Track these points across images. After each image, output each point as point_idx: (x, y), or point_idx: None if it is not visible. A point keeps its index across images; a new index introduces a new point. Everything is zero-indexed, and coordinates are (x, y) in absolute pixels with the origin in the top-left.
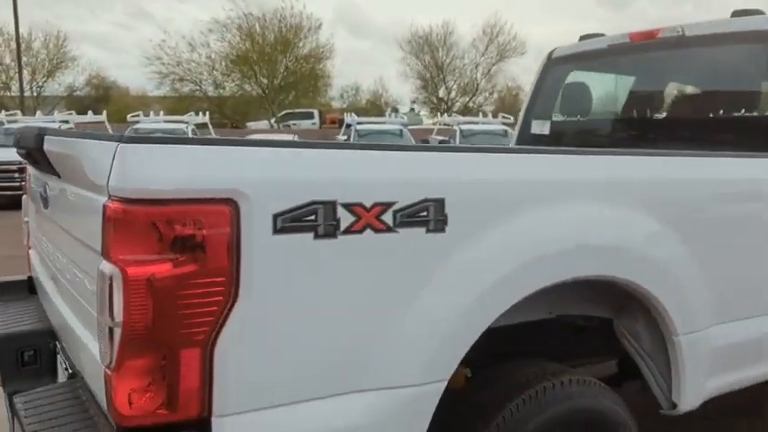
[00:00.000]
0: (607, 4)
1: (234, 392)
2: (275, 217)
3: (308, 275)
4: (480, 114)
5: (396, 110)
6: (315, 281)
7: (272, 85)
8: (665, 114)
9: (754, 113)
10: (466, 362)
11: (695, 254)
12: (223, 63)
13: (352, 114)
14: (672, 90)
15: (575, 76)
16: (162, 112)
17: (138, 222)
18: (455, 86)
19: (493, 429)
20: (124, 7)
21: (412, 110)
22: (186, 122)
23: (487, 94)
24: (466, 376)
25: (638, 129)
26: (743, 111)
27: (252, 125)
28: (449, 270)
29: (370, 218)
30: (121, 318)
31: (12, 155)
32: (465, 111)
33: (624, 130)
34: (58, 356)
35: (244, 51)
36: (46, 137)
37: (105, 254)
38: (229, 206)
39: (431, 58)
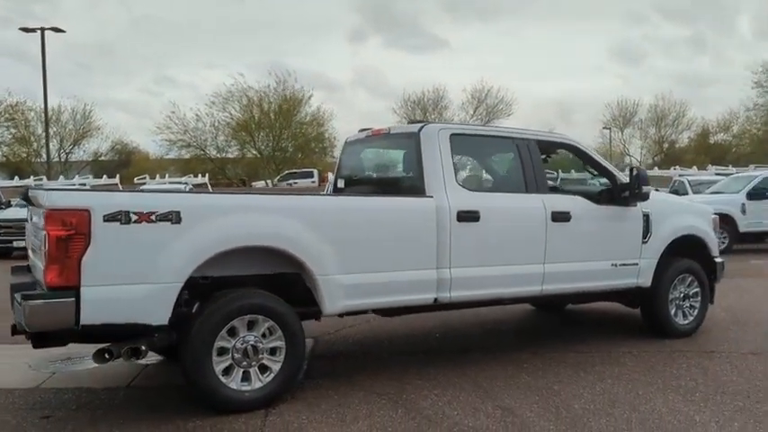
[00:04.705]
0: (621, 60)
1: (87, 277)
2: (104, 216)
3: (118, 236)
4: None
5: None
6: (120, 238)
7: (273, 148)
8: (372, 174)
9: (409, 174)
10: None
11: (327, 240)
12: (226, 130)
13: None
14: (381, 161)
15: (356, 153)
16: (168, 174)
17: (54, 217)
18: None
19: (215, 304)
20: (151, 74)
21: None
22: (186, 183)
23: None
24: None
25: (366, 181)
26: (405, 173)
27: (254, 184)
28: (182, 237)
29: (145, 217)
30: (47, 249)
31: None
32: None
33: (362, 182)
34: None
35: (243, 121)
36: (29, 191)
37: (44, 228)
38: (86, 212)
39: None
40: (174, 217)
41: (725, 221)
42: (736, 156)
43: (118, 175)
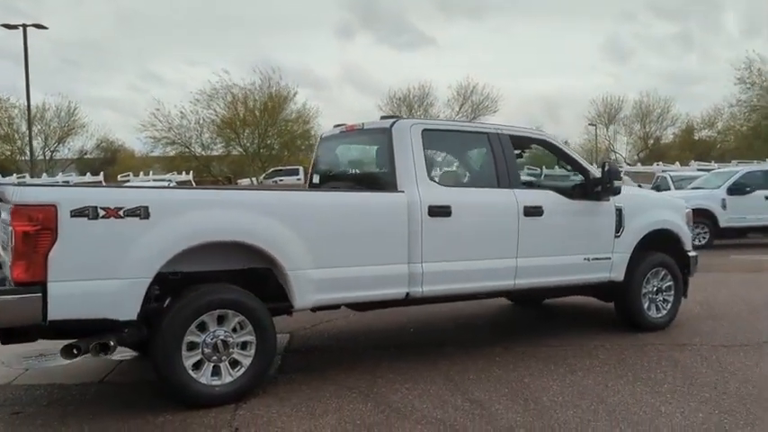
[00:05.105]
0: (612, 57)
1: (54, 273)
2: (71, 212)
3: (85, 232)
4: None
5: None
6: (87, 234)
7: (258, 145)
8: (347, 169)
9: (382, 169)
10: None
11: (298, 235)
12: (211, 128)
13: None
14: (356, 156)
15: (331, 149)
16: (152, 172)
17: (20, 212)
18: None
19: (185, 299)
20: (136, 71)
21: None
22: (170, 180)
23: None
24: None
25: (341, 177)
26: (378, 168)
27: (240, 181)
28: (150, 232)
29: (113, 212)
30: (14, 244)
31: None
32: None
33: (337, 178)
34: None
35: (228, 118)
36: None
37: (11, 224)
38: (53, 207)
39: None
40: (142, 212)
41: (705, 217)
42: (720, 152)
43: (102, 173)
